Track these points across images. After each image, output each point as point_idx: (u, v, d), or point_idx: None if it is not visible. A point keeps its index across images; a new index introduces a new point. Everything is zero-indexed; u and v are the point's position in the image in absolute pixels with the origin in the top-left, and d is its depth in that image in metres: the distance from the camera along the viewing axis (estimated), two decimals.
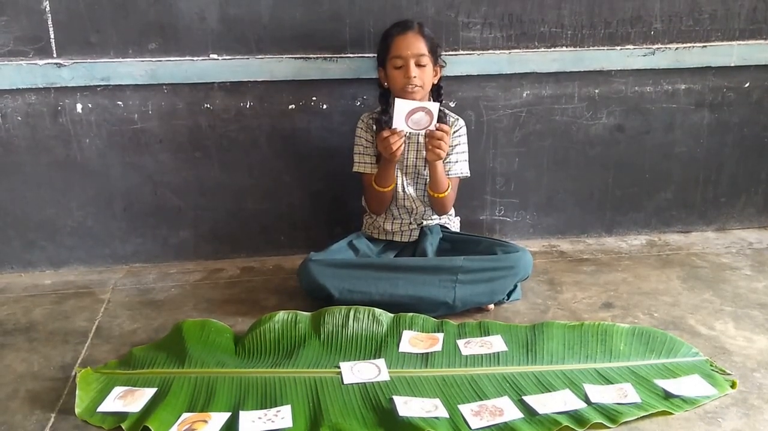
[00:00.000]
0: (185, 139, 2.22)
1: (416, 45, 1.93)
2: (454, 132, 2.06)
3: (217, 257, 2.37)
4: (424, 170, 2.07)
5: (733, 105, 2.45)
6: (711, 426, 1.44)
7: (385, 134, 1.88)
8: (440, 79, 2.04)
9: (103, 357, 1.74)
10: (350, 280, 1.88)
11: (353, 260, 1.99)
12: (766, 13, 2.34)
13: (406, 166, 2.09)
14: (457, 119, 2.10)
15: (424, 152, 1.96)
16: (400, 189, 2.08)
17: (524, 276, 1.98)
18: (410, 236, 2.12)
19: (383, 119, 2.02)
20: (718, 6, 2.31)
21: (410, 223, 2.12)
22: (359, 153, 2.09)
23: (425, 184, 2.08)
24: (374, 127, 2.06)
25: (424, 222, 2.13)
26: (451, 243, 2.09)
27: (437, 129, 1.89)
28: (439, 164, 1.98)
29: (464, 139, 2.10)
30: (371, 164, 2.08)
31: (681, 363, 1.66)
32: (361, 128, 2.09)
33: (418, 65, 1.93)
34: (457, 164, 2.08)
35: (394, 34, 1.95)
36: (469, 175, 2.12)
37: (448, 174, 2.06)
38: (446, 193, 2.02)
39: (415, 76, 1.91)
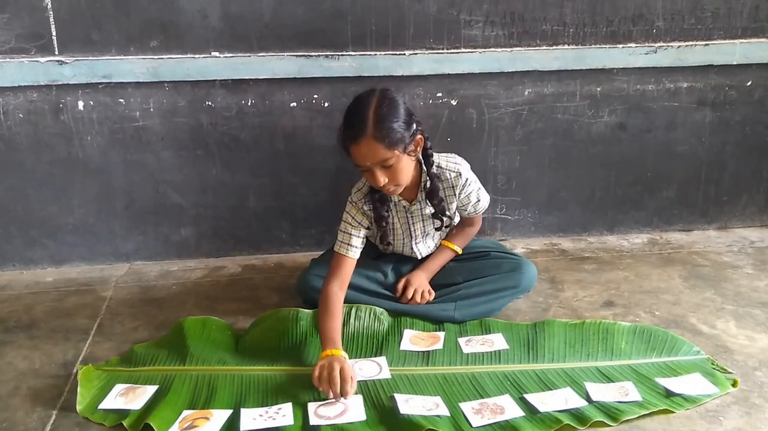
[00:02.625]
0: (187, 137, 2.22)
1: (373, 154, 1.62)
2: (461, 187, 1.86)
3: (219, 255, 2.38)
4: (432, 228, 1.95)
5: (735, 104, 2.44)
6: (712, 424, 1.44)
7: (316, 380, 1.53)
8: (425, 143, 1.76)
9: (104, 355, 1.74)
10: (350, 300, 1.84)
11: (354, 283, 1.87)
12: None
13: (415, 234, 1.94)
14: (459, 174, 1.84)
15: (432, 222, 1.91)
16: (408, 250, 1.98)
17: (527, 291, 1.97)
18: (411, 254, 2.06)
19: (377, 198, 1.82)
20: (721, 4, 2.31)
21: (411, 254, 2.04)
22: (345, 232, 1.83)
23: (433, 236, 1.99)
24: (367, 208, 1.84)
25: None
26: (454, 259, 2.02)
27: (406, 301, 1.88)
28: (434, 261, 1.97)
29: (473, 182, 1.89)
30: (356, 246, 1.82)
31: (682, 361, 1.66)
32: (352, 212, 1.84)
33: (384, 167, 1.65)
34: (479, 203, 1.92)
35: (348, 142, 1.65)
36: (489, 198, 1.97)
37: (476, 213, 1.95)
38: (465, 243, 2.01)
39: (384, 181, 1.67)
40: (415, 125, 1.70)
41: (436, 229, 1.93)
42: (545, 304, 2.00)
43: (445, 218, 1.89)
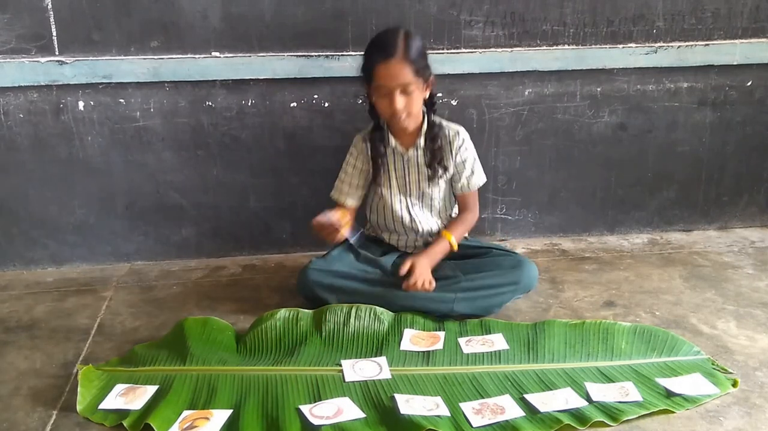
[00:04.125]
0: (187, 137, 2.22)
1: (401, 74, 1.74)
2: (459, 147, 1.95)
3: (219, 255, 2.38)
4: (429, 189, 1.98)
5: (735, 104, 2.44)
6: (712, 424, 1.44)
7: (316, 223, 1.72)
8: (432, 90, 1.90)
9: (104, 355, 1.75)
10: (349, 293, 1.86)
11: (353, 273, 1.92)
12: None
13: (410, 189, 1.99)
14: (458, 132, 1.95)
15: (426, 172, 1.93)
16: (406, 213, 2.00)
17: (527, 290, 1.96)
18: (414, 249, 2.07)
19: (377, 136, 1.94)
20: (721, 4, 2.31)
21: (416, 239, 2.05)
22: (341, 181, 1.99)
23: (431, 201, 2.01)
24: (367, 149, 1.96)
25: (430, 238, 2.04)
26: (455, 256, 2.02)
27: (408, 287, 1.85)
28: (436, 248, 1.94)
29: (471, 149, 1.98)
30: (347, 194, 1.97)
31: (683, 361, 1.66)
32: (353, 155, 1.98)
33: (404, 93, 1.78)
34: (473, 177, 1.99)
35: (377, 62, 1.76)
36: (485, 180, 2.03)
37: (469, 189, 1.98)
38: (463, 232, 2.00)
39: (401, 107, 1.78)
40: (429, 67, 1.83)
41: (429, 178, 1.92)
42: (545, 304, 2.00)
43: (439, 169, 1.91)
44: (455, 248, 1.98)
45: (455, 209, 2.10)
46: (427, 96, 1.89)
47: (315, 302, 1.89)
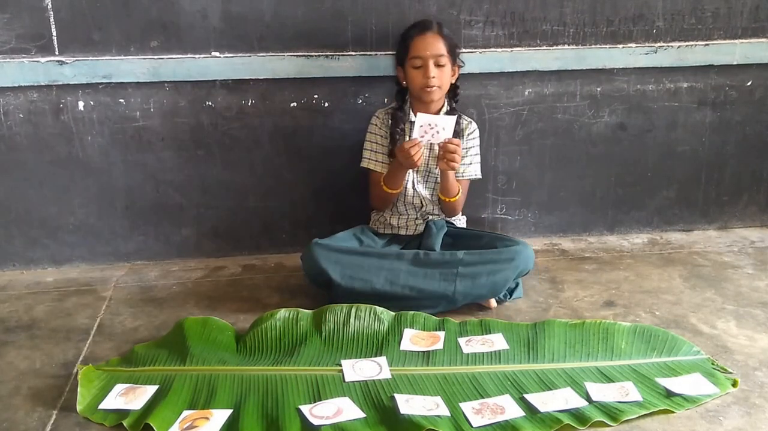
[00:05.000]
0: (187, 137, 2.22)
1: (435, 45, 1.94)
2: (468, 135, 2.09)
3: (219, 255, 2.38)
4: (435, 168, 2.07)
5: (735, 104, 2.44)
6: (712, 424, 1.44)
7: (407, 145, 1.88)
8: (458, 78, 2.05)
9: (104, 355, 1.75)
10: (352, 267, 1.89)
11: (356, 247, 2.02)
12: None
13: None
14: (471, 122, 2.11)
15: (437, 150, 1.98)
16: (409, 186, 2.08)
17: (525, 270, 1.98)
18: (415, 229, 2.13)
19: (399, 114, 2.05)
20: (721, 4, 2.31)
21: (416, 218, 2.13)
22: (371, 150, 2.08)
23: (435, 182, 2.09)
24: (389, 122, 2.06)
25: (430, 217, 2.13)
26: (453, 238, 2.09)
27: (449, 142, 1.90)
28: (451, 172, 1.99)
29: (477, 142, 2.13)
30: (382, 162, 2.07)
31: (682, 361, 1.66)
32: (376, 125, 2.08)
33: (437, 65, 1.94)
34: (471, 167, 2.11)
35: (414, 35, 1.96)
36: (480, 177, 2.14)
37: (462, 176, 2.08)
38: (457, 197, 2.04)
39: (434, 77, 1.93)
40: (459, 54, 2.05)
41: (438, 157, 1.98)
42: (545, 304, 2.00)
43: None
44: (455, 197, 2.04)
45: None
46: (453, 81, 2.03)
47: (318, 283, 1.93)
